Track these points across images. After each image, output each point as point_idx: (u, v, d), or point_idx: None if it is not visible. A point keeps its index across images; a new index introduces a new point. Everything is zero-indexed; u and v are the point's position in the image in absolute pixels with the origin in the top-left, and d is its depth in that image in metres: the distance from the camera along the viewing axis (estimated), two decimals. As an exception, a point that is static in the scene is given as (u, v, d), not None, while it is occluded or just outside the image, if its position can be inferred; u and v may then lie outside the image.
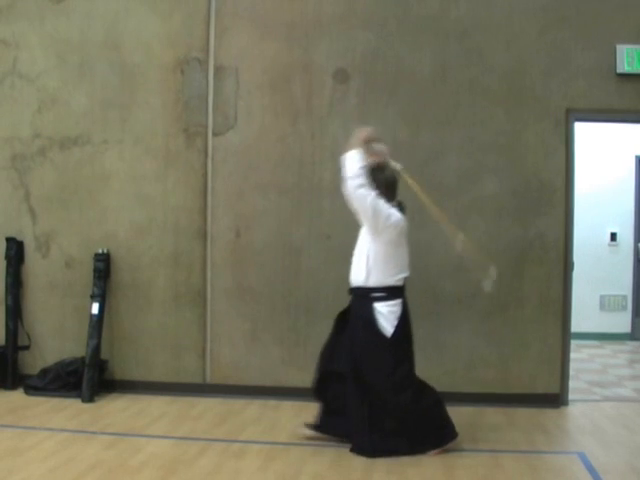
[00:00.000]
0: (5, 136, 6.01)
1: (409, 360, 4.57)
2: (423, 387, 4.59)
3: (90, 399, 5.58)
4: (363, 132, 4.55)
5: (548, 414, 5.42)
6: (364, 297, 4.52)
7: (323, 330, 5.73)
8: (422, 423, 4.49)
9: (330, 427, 4.65)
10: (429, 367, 5.68)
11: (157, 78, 5.89)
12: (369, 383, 4.48)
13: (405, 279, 4.62)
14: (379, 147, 4.63)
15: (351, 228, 5.71)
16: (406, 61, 5.73)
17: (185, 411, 5.40)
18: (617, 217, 8.70)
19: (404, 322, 4.53)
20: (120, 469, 4.12)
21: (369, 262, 4.50)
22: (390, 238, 4.48)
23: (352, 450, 4.49)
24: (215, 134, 5.87)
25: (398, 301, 4.53)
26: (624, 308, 8.75)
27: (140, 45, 5.89)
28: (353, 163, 4.47)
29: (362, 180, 4.43)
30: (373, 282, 4.49)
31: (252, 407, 5.53)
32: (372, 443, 4.43)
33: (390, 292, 4.51)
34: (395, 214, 4.51)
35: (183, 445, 4.59)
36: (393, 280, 4.53)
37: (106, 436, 4.73)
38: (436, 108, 5.71)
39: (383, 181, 4.55)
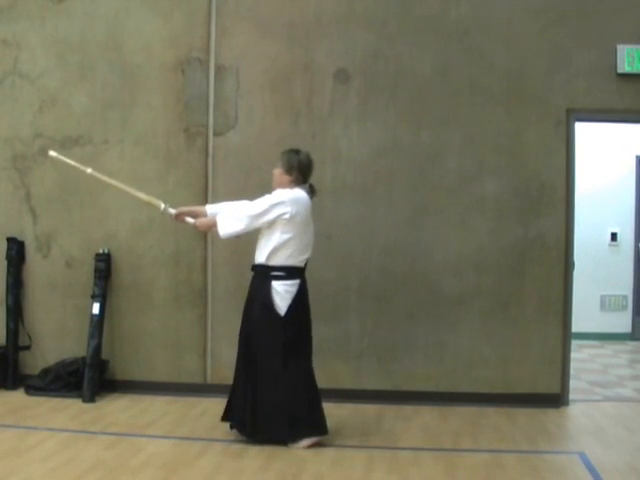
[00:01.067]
0: (6, 136, 6.01)
1: (301, 342, 4.63)
2: (310, 374, 4.65)
3: (91, 399, 5.58)
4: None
5: (549, 414, 5.42)
6: (263, 275, 4.59)
7: (323, 330, 5.75)
8: (304, 408, 4.55)
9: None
10: (429, 367, 5.71)
11: (158, 78, 5.89)
12: (257, 360, 4.57)
13: (306, 260, 4.68)
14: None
15: (351, 228, 5.74)
16: (407, 61, 5.73)
17: (186, 411, 5.40)
18: (618, 217, 8.70)
19: (300, 303, 4.60)
20: (121, 469, 4.12)
21: (269, 242, 4.56)
22: (283, 228, 4.53)
23: (232, 427, 4.67)
24: (216, 134, 5.87)
25: (296, 281, 4.58)
26: (624, 308, 8.75)
27: (141, 45, 5.89)
28: (228, 224, 4.60)
29: (237, 219, 4.58)
30: (273, 261, 4.56)
31: (253, 407, 5.53)
32: (253, 422, 4.53)
33: (289, 272, 4.57)
34: (275, 209, 4.53)
35: (184, 445, 4.59)
36: (293, 261, 4.58)
37: (107, 436, 4.73)
38: (436, 108, 5.71)
39: (296, 163, 4.65)
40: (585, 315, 8.14)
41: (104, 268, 5.83)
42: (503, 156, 5.68)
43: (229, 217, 4.59)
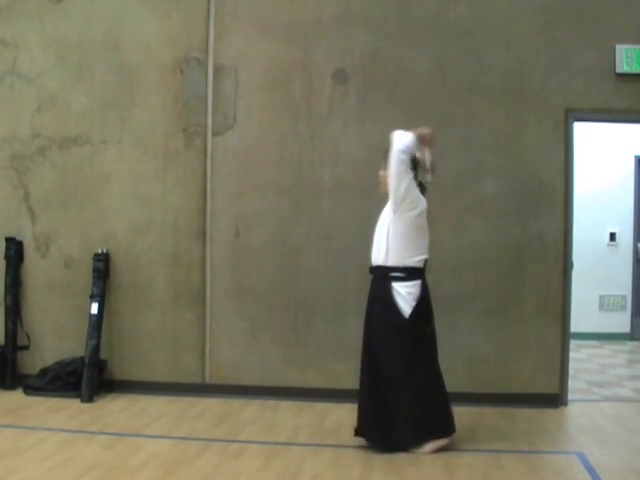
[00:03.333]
0: (4, 136, 6.01)
1: (428, 344, 4.57)
2: (437, 375, 4.60)
3: (89, 399, 5.58)
4: (426, 130, 4.61)
5: (547, 414, 5.42)
6: (383, 277, 4.52)
7: (322, 330, 5.77)
8: (429, 410, 4.47)
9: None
10: (428, 367, 5.70)
11: (156, 78, 5.89)
12: (382, 367, 4.47)
13: (425, 261, 4.62)
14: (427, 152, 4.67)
15: (351, 228, 5.74)
16: (405, 61, 5.73)
17: (184, 411, 5.40)
18: (616, 217, 8.70)
19: (423, 304, 4.52)
20: (119, 469, 4.12)
21: (389, 241, 4.51)
22: (410, 221, 4.49)
23: (358, 434, 4.53)
24: (214, 134, 5.87)
25: (417, 282, 4.52)
26: (623, 308, 8.75)
27: (139, 45, 5.89)
28: (405, 140, 4.48)
29: (407, 157, 4.47)
30: (392, 261, 4.50)
31: (251, 407, 5.53)
32: (380, 429, 4.44)
33: (409, 273, 4.50)
34: (421, 202, 4.53)
35: (182, 445, 4.59)
36: (412, 261, 4.52)
37: (105, 436, 4.73)
38: (435, 108, 5.71)
39: (416, 162, 4.59)
40: (584, 315, 8.14)
41: (103, 268, 5.83)
42: (502, 156, 5.68)
43: (407, 162, 4.46)
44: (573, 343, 6.23)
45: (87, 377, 5.62)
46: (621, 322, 8.75)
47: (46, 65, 5.97)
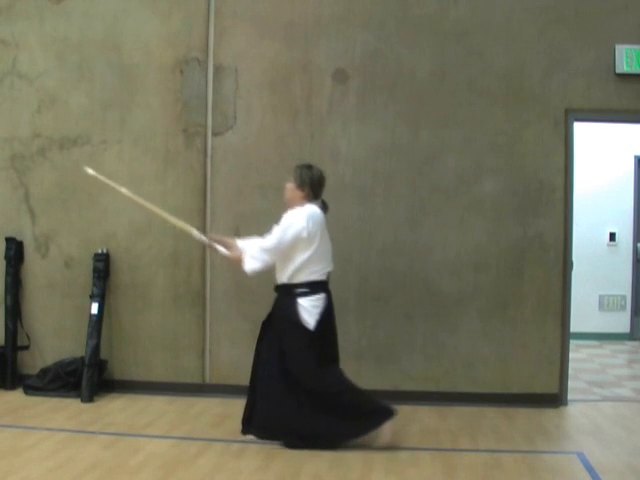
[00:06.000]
0: (4, 136, 6.01)
1: (331, 354, 4.67)
2: (342, 374, 4.66)
3: (89, 399, 5.59)
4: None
5: (547, 414, 5.42)
6: (288, 294, 4.60)
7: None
8: (361, 403, 4.57)
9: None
10: (428, 367, 5.71)
11: (156, 78, 5.89)
12: (296, 376, 4.56)
13: (328, 273, 4.71)
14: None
15: (350, 228, 5.74)
16: (405, 61, 5.73)
17: (184, 411, 5.40)
18: (616, 217, 8.70)
19: (327, 316, 4.63)
20: (119, 469, 4.12)
21: (291, 262, 4.57)
22: (303, 246, 4.54)
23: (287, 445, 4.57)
24: (214, 134, 5.87)
25: (321, 295, 4.61)
26: (623, 308, 8.76)
27: (139, 45, 5.89)
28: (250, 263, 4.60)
29: (256, 257, 4.58)
30: (296, 279, 4.58)
31: (251, 407, 5.53)
32: (318, 434, 4.53)
33: (313, 287, 4.59)
34: (291, 230, 4.53)
35: (182, 445, 4.59)
36: (315, 275, 4.61)
37: (105, 436, 4.73)
38: (435, 108, 5.71)
39: (308, 179, 4.66)
40: (584, 315, 8.15)
41: (103, 268, 5.83)
42: (502, 156, 5.68)
43: (253, 253, 4.57)
44: (573, 343, 6.24)
45: (87, 377, 5.62)
46: (621, 322, 8.76)
47: (46, 65, 5.97)
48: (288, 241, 4.51)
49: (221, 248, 4.77)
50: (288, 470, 4.18)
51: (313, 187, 4.66)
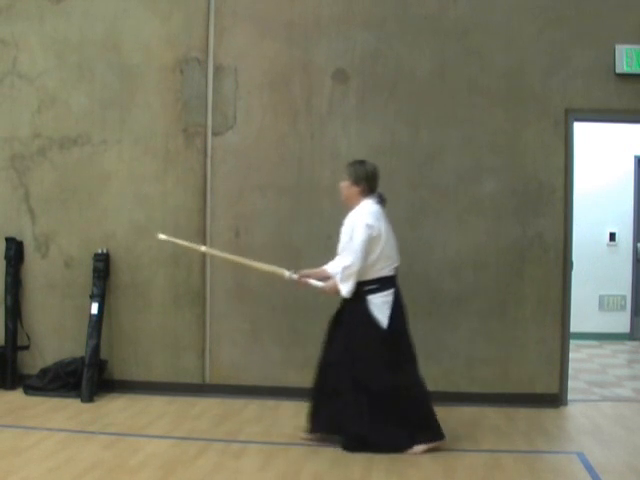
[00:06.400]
0: (4, 136, 6.01)
1: (406, 349, 4.60)
2: (418, 380, 4.61)
3: (89, 399, 5.58)
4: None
5: (547, 414, 5.42)
6: (356, 291, 4.54)
7: (322, 330, 5.73)
8: (413, 415, 4.51)
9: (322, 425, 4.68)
10: (428, 367, 5.67)
11: (156, 78, 5.89)
12: (364, 376, 4.49)
13: (396, 268, 4.66)
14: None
15: (350, 228, 5.72)
16: (405, 61, 5.73)
17: (184, 411, 5.40)
18: (616, 217, 8.70)
19: (399, 311, 4.58)
20: (119, 469, 4.12)
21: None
22: (373, 246, 4.51)
23: (346, 447, 4.52)
24: (214, 134, 5.87)
25: (391, 291, 4.57)
26: (623, 308, 8.75)
27: (139, 45, 5.90)
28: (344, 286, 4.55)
29: (346, 280, 4.52)
30: (365, 277, 4.53)
31: (251, 407, 5.54)
32: (370, 435, 4.47)
33: (382, 283, 4.55)
34: (361, 237, 4.49)
35: (182, 445, 4.59)
36: (385, 271, 4.57)
37: (105, 436, 4.73)
38: (435, 108, 5.71)
39: (363, 174, 4.64)
40: (584, 315, 8.15)
41: (103, 268, 5.83)
42: (501, 156, 5.68)
43: (342, 276, 4.52)
44: (573, 343, 6.23)
45: (87, 377, 5.62)
46: (621, 322, 8.75)
47: (46, 65, 5.97)
48: (363, 248, 4.47)
49: (314, 282, 4.73)
50: (288, 470, 4.18)
51: (369, 181, 4.64)
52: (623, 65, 5.53)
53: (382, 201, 4.69)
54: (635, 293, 8.73)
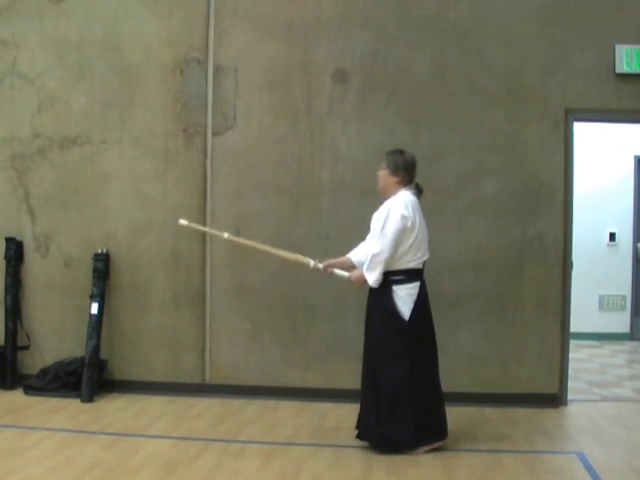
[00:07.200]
0: (4, 136, 6.01)
1: (427, 345, 4.57)
2: (435, 379, 4.61)
3: (89, 399, 5.58)
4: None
5: (547, 414, 5.42)
6: (383, 281, 4.49)
7: (322, 330, 5.76)
8: (428, 413, 4.49)
9: None
10: (428, 367, 5.71)
11: (156, 78, 5.89)
12: (379, 368, 4.47)
13: (424, 262, 4.61)
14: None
15: (350, 228, 5.73)
16: (405, 61, 5.73)
17: (184, 411, 5.40)
18: (616, 217, 8.70)
19: (422, 305, 4.53)
20: (119, 469, 4.13)
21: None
22: (405, 237, 4.47)
23: (359, 437, 4.54)
24: (214, 134, 5.87)
25: (417, 284, 4.52)
26: (623, 308, 8.75)
27: (139, 45, 5.90)
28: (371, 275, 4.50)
29: (373, 268, 4.48)
30: (394, 267, 4.49)
31: (251, 407, 5.54)
32: (379, 431, 4.46)
33: (409, 275, 4.50)
34: (394, 226, 4.45)
35: (182, 445, 4.59)
36: (413, 263, 4.52)
37: (105, 436, 4.73)
38: (435, 108, 5.71)
39: (402, 163, 4.59)
40: (583, 315, 8.14)
41: (102, 268, 5.83)
42: (501, 156, 5.68)
43: (369, 265, 4.48)
44: (573, 343, 6.23)
45: (87, 377, 5.62)
46: (621, 322, 8.75)
47: (46, 65, 5.97)
48: (395, 238, 4.42)
49: (340, 272, 4.70)
50: (288, 470, 4.18)
51: (408, 171, 4.58)
52: (623, 65, 5.53)
53: (419, 192, 4.64)
54: (635, 293, 8.73)
